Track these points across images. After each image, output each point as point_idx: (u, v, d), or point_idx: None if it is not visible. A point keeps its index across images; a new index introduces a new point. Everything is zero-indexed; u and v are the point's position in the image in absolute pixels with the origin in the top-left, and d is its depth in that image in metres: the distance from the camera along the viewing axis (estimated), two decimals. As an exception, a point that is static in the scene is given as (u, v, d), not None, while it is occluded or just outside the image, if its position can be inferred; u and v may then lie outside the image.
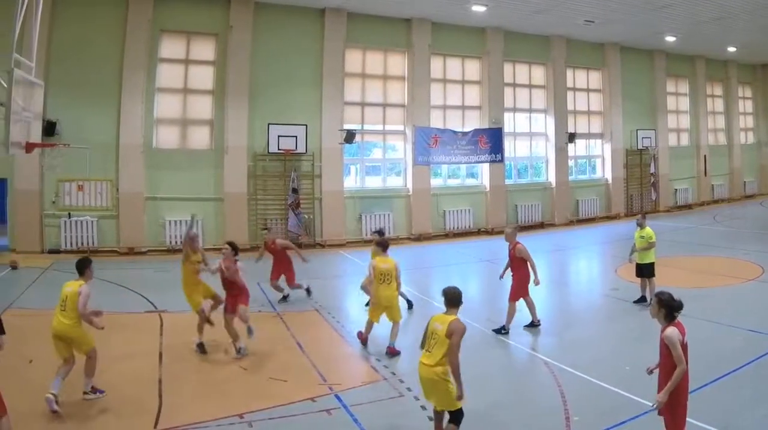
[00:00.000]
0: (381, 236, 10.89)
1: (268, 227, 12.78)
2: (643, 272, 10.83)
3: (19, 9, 8.57)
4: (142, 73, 16.70)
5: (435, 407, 5.66)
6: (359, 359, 8.51)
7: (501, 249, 9.95)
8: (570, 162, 24.18)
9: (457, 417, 5.40)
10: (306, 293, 11.79)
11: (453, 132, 20.72)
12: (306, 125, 17.98)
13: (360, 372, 8.01)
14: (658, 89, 26.85)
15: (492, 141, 21.14)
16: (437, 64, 21.00)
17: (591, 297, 12.43)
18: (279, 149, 17.59)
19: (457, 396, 5.31)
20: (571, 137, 23.56)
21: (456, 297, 5.66)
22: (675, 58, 27.26)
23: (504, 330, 9.31)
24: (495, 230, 20.60)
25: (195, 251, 9.20)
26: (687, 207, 27.37)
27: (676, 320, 5.04)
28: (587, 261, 17.11)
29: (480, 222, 21.53)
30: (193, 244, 9.26)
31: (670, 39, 23.96)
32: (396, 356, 8.31)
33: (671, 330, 4.95)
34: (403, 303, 10.22)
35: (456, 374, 5.31)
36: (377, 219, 19.44)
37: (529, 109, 23.43)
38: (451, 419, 5.42)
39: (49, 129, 14.80)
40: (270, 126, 17.54)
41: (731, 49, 26.80)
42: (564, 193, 23.43)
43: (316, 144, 18.50)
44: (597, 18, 20.51)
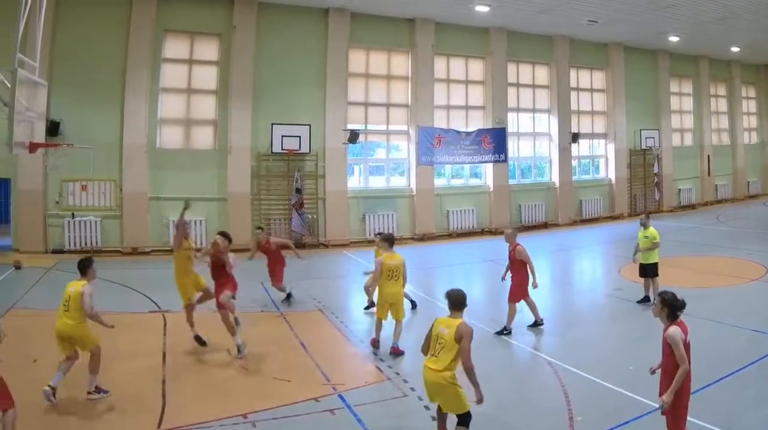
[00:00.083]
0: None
1: (261, 227, 12.75)
2: (647, 272, 10.82)
3: (23, 9, 8.58)
4: (145, 73, 16.73)
5: (439, 408, 5.58)
6: (363, 359, 8.51)
7: (504, 249, 9.92)
8: (573, 162, 24.17)
9: (465, 419, 5.33)
10: (287, 298, 11.36)
11: (456, 132, 20.69)
12: (309, 125, 17.99)
13: (364, 372, 7.99)
14: (661, 89, 26.80)
15: (495, 141, 21.08)
16: (441, 64, 20.99)
17: (594, 297, 12.40)
18: (282, 149, 17.61)
19: (477, 399, 5.24)
20: (575, 137, 23.55)
21: (460, 300, 5.54)
22: (678, 58, 27.20)
23: (506, 331, 9.29)
24: (498, 230, 20.55)
25: (187, 238, 9.10)
26: (690, 207, 27.32)
27: (678, 319, 5.02)
28: (590, 261, 17.09)
29: (483, 222, 21.52)
30: (185, 231, 9.08)
31: (673, 39, 23.92)
32: (400, 356, 8.30)
33: (674, 329, 4.93)
34: (407, 303, 10.14)
35: (472, 377, 5.21)
36: (381, 219, 19.44)
37: (533, 109, 23.41)
38: (460, 422, 5.34)
39: (53, 129, 14.79)
40: (273, 126, 17.56)
41: (735, 49, 26.73)
42: (567, 194, 23.40)
43: (319, 144, 18.52)
44: (600, 18, 20.49)
